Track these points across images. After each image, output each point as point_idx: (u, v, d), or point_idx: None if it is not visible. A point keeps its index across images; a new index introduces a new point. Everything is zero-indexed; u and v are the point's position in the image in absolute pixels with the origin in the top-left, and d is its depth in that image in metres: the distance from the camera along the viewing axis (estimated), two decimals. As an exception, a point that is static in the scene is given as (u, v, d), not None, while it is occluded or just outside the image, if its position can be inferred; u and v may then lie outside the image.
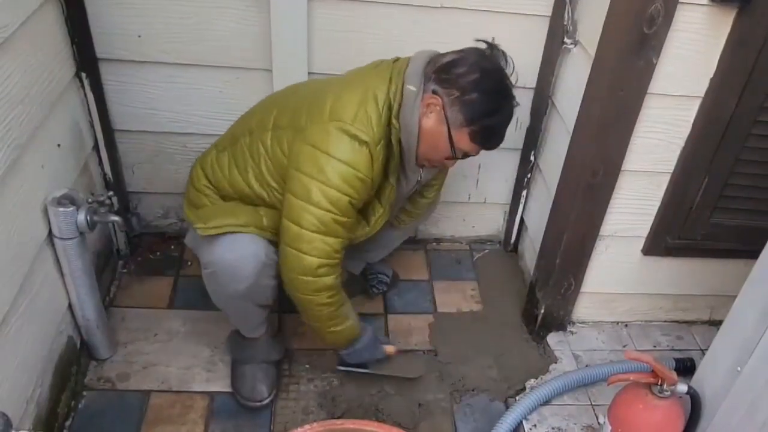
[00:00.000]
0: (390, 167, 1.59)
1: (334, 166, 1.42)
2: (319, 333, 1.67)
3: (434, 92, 1.48)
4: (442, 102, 1.47)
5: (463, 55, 1.49)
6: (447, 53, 1.52)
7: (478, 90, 1.44)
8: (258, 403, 1.76)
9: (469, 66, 1.46)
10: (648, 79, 1.57)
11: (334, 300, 1.56)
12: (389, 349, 1.82)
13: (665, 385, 1.42)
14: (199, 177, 1.71)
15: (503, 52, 1.54)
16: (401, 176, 1.66)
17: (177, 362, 1.87)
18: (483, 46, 1.54)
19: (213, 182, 1.68)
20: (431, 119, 1.49)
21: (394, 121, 1.50)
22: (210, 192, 1.68)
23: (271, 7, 1.80)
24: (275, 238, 1.56)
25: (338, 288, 1.56)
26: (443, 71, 1.48)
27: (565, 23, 1.87)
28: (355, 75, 1.58)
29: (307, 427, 1.52)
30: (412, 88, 1.47)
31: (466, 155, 1.56)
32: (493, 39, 1.56)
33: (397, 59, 1.58)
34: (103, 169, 2.05)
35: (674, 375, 1.42)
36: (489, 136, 1.53)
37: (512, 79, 1.53)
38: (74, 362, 1.80)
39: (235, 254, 1.53)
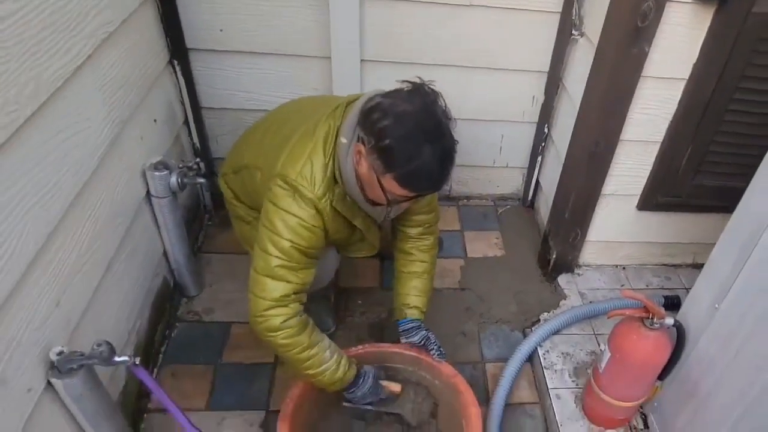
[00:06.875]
0: (353, 213, 1.51)
1: (281, 216, 1.39)
2: (299, 376, 1.57)
3: (360, 139, 1.35)
4: (365, 149, 1.33)
5: (381, 99, 1.32)
6: (376, 96, 1.35)
7: (391, 136, 1.27)
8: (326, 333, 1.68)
9: (382, 111, 1.29)
10: (641, 64, 1.64)
11: (292, 341, 1.44)
12: (394, 388, 1.69)
13: (655, 319, 1.47)
14: (225, 189, 1.76)
15: (431, 90, 1.32)
16: (367, 215, 1.57)
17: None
18: (407, 86, 1.34)
19: (239, 196, 1.73)
20: (363, 167, 1.36)
21: (337, 173, 1.41)
22: (239, 204, 1.74)
23: (330, 5, 1.94)
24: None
25: (296, 329, 1.44)
26: (365, 117, 1.32)
27: (573, 18, 1.95)
28: (315, 119, 1.46)
29: (360, 347, 1.68)
30: (343, 140, 1.37)
31: (407, 199, 1.39)
32: (420, 78, 1.35)
33: (353, 99, 1.44)
34: (192, 139, 2.20)
35: (663, 310, 1.47)
36: (414, 181, 1.32)
37: (446, 115, 1.32)
38: (168, 299, 1.95)
39: (321, 270, 1.57)
